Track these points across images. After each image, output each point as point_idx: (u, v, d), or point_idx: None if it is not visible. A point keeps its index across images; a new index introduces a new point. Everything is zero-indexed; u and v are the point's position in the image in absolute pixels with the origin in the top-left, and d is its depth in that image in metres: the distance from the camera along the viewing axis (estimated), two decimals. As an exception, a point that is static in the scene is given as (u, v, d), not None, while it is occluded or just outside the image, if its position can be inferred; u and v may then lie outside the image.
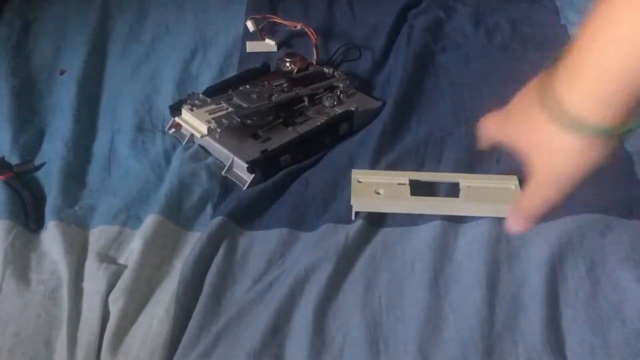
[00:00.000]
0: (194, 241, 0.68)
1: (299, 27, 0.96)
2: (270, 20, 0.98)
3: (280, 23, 0.98)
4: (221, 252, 0.66)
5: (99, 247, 0.68)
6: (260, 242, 0.68)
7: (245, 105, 0.80)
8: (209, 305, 0.61)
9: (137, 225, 0.71)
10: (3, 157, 0.79)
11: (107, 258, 0.67)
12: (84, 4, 1.07)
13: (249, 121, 0.78)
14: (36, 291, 0.64)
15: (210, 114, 0.78)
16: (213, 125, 0.76)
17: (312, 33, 0.94)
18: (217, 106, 0.80)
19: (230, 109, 0.79)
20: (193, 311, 0.61)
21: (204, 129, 0.76)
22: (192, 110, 0.78)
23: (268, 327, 0.58)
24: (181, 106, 0.80)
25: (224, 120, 0.76)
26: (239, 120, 0.77)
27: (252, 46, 0.99)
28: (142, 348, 0.59)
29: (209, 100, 0.81)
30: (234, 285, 0.64)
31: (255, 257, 0.66)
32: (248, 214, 0.71)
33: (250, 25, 0.98)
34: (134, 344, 0.59)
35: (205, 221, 0.71)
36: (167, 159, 0.79)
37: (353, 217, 0.68)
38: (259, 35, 0.98)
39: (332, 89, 0.87)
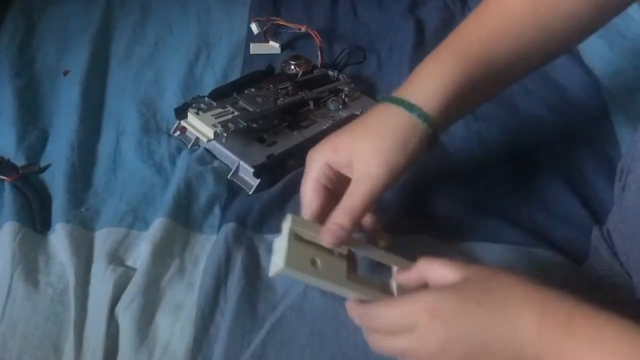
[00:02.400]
0: (203, 243, 0.69)
1: (303, 29, 0.97)
2: (275, 22, 0.99)
3: (285, 25, 0.99)
4: (242, 257, 0.66)
5: (105, 249, 0.68)
6: None
7: (251, 109, 0.80)
8: (246, 312, 0.61)
9: (143, 228, 0.71)
10: (8, 159, 0.79)
11: (114, 260, 0.67)
12: (87, 5, 1.07)
13: (255, 125, 0.79)
14: (45, 294, 0.64)
15: (216, 117, 0.78)
16: (219, 129, 0.76)
17: (316, 35, 0.95)
18: (223, 110, 0.80)
19: (236, 113, 0.79)
20: (214, 315, 0.61)
21: (210, 133, 0.76)
22: (198, 114, 0.79)
23: (316, 341, 0.59)
24: (187, 109, 0.80)
25: (230, 125, 0.77)
26: (245, 124, 0.77)
27: (256, 48, 0.99)
28: (166, 351, 0.59)
29: (214, 103, 0.81)
30: (265, 290, 0.64)
31: None
32: (261, 218, 0.71)
33: (254, 27, 0.98)
34: (156, 347, 0.60)
35: (214, 223, 0.71)
36: (173, 161, 0.80)
37: (271, 274, 0.53)
38: (263, 38, 0.99)
39: (337, 92, 0.87)
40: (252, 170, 0.74)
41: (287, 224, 0.54)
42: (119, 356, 0.59)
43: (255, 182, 0.74)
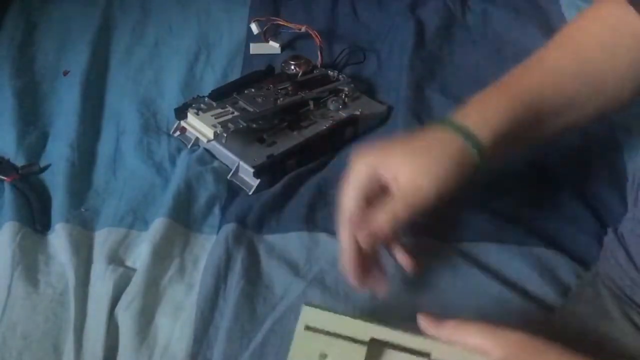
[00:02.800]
0: (203, 243, 0.69)
1: (303, 29, 0.97)
2: (275, 22, 0.99)
3: (285, 25, 0.98)
4: (242, 257, 0.66)
5: (105, 250, 0.68)
6: (280, 246, 0.68)
7: (250, 109, 0.80)
8: (245, 312, 0.61)
9: (143, 228, 0.71)
10: (8, 160, 0.79)
11: (114, 260, 0.68)
12: (88, 5, 1.07)
13: (255, 125, 0.79)
14: (45, 294, 0.64)
15: (216, 118, 0.78)
16: (219, 129, 0.76)
17: (316, 35, 0.94)
18: (223, 110, 0.80)
19: (236, 113, 0.79)
20: (214, 315, 0.61)
21: (210, 133, 0.76)
22: (197, 115, 0.79)
23: None
24: (187, 110, 0.80)
25: (230, 125, 0.77)
26: (244, 124, 0.77)
27: (255, 48, 0.99)
28: (166, 351, 0.59)
29: (214, 104, 0.81)
30: (264, 290, 0.64)
31: (278, 262, 0.66)
32: (261, 218, 0.71)
33: (254, 28, 0.98)
34: (156, 347, 0.60)
35: (214, 223, 0.71)
36: (173, 161, 0.80)
37: None
38: (262, 37, 0.99)
39: (337, 92, 0.87)
40: (252, 170, 0.74)
41: (300, 317, 0.51)
42: (118, 356, 0.59)
43: (255, 182, 0.74)
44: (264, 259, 0.66)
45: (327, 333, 0.50)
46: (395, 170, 0.54)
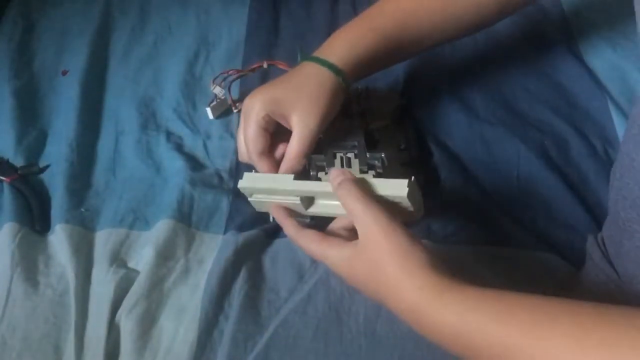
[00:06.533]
0: (209, 243, 0.68)
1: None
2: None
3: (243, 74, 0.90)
4: (248, 260, 0.65)
5: (106, 250, 0.68)
6: (286, 249, 0.67)
7: None
8: (250, 315, 0.61)
9: (144, 227, 0.71)
10: (7, 160, 0.79)
11: (115, 261, 0.67)
12: (86, 4, 1.06)
13: None
14: (44, 294, 0.64)
15: None
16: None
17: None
18: None
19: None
20: (218, 319, 0.61)
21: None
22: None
23: (320, 345, 0.58)
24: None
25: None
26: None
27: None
28: (168, 354, 0.59)
29: None
30: (269, 293, 0.63)
31: (284, 265, 0.66)
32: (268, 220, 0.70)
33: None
34: (159, 350, 0.60)
35: (220, 222, 0.71)
36: (172, 160, 0.79)
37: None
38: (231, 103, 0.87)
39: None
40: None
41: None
42: (120, 359, 0.59)
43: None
44: (270, 262, 0.66)
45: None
46: (287, 113, 0.64)
